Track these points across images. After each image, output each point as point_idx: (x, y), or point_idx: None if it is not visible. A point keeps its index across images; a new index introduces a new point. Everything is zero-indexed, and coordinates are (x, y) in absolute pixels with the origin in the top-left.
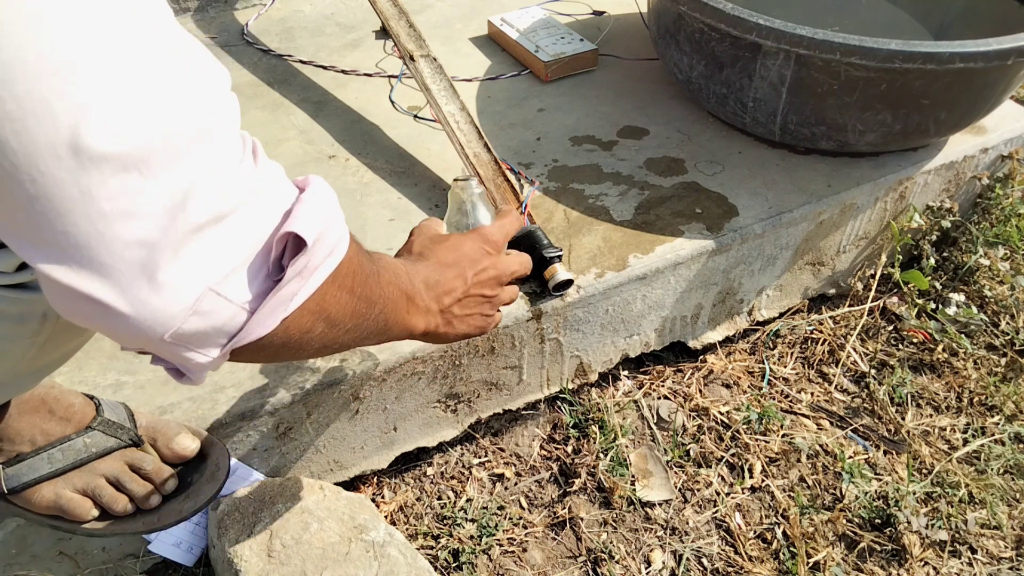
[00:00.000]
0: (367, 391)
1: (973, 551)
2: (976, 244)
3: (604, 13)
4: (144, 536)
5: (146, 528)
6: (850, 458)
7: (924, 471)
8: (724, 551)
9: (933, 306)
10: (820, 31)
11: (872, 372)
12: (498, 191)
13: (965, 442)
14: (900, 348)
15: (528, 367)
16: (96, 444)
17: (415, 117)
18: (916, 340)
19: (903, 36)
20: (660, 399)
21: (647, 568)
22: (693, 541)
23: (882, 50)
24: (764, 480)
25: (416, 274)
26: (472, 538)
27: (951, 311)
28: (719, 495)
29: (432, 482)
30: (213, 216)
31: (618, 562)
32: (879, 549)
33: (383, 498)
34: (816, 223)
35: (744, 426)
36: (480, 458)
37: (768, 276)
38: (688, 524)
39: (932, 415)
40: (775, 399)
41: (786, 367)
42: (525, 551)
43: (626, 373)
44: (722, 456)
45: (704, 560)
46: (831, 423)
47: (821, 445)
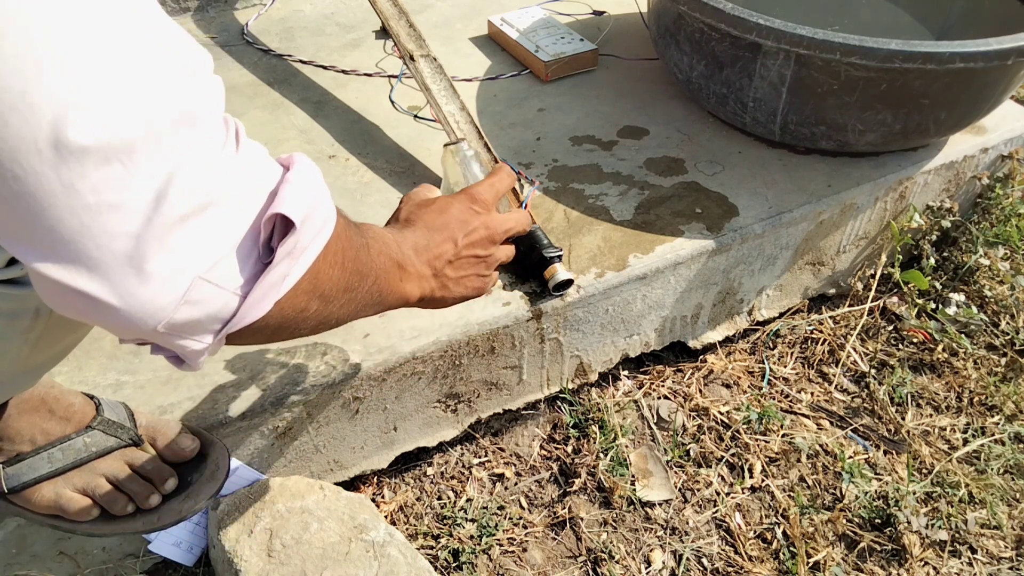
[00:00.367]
0: (367, 391)
1: (973, 551)
2: (976, 244)
3: (604, 13)
4: (144, 536)
5: (146, 528)
6: (850, 458)
7: (924, 471)
8: (724, 551)
9: (933, 306)
10: (820, 31)
11: (872, 372)
12: None
13: (965, 442)
14: (900, 348)
15: (528, 367)
16: (96, 443)
17: (415, 117)
18: (916, 340)
19: (903, 36)
20: (660, 399)
21: (647, 568)
22: (693, 541)
23: (882, 50)
24: (764, 480)
25: (404, 241)
26: (472, 538)
27: (951, 311)
28: (719, 495)
29: (432, 482)
30: (199, 203)
31: (618, 562)
32: (879, 549)
33: (383, 498)
34: (816, 223)
35: (744, 426)
36: (480, 458)
37: (768, 276)
38: (688, 524)
39: (932, 415)
40: (775, 399)
41: (786, 367)
42: (525, 551)
43: (626, 373)
44: (722, 456)
45: (704, 560)
46: (831, 423)
47: (821, 445)
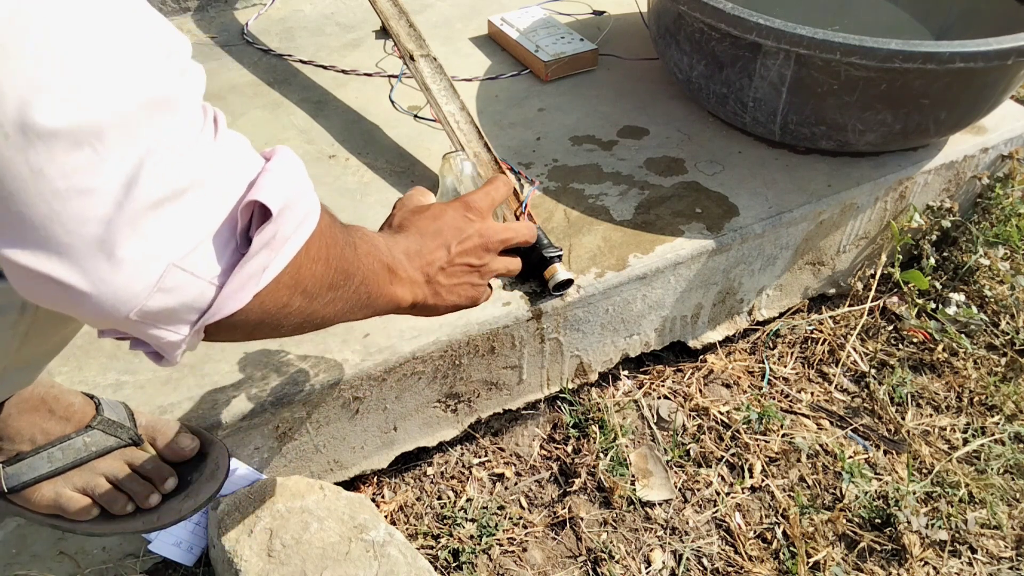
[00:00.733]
0: (367, 391)
1: (973, 551)
2: (976, 244)
3: (604, 13)
4: (144, 536)
5: (146, 527)
6: (850, 458)
7: (924, 471)
8: (724, 551)
9: (933, 306)
10: (820, 31)
11: (872, 372)
12: None
13: (965, 442)
14: (900, 348)
15: (528, 367)
16: (96, 443)
17: (415, 117)
18: (916, 340)
19: (904, 36)
20: (660, 399)
21: (647, 568)
22: (693, 541)
23: (882, 50)
24: (764, 480)
25: (396, 245)
26: (472, 538)
27: (951, 311)
28: (719, 495)
29: (432, 482)
30: (172, 190)
31: (618, 562)
32: (879, 549)
33: (383, 498)
34: (816, 223)
35: (744, 426)
36: (480, 458)
37: (768, 276)
38: (688, 524)
39: (932, 415)
40: (775, 399)
41: (786, 367)
42: (525, 551)
43: (626, 373)
44: (722, 456)
45: (704, 560)
46: (831, 423)
47: (821, 445)
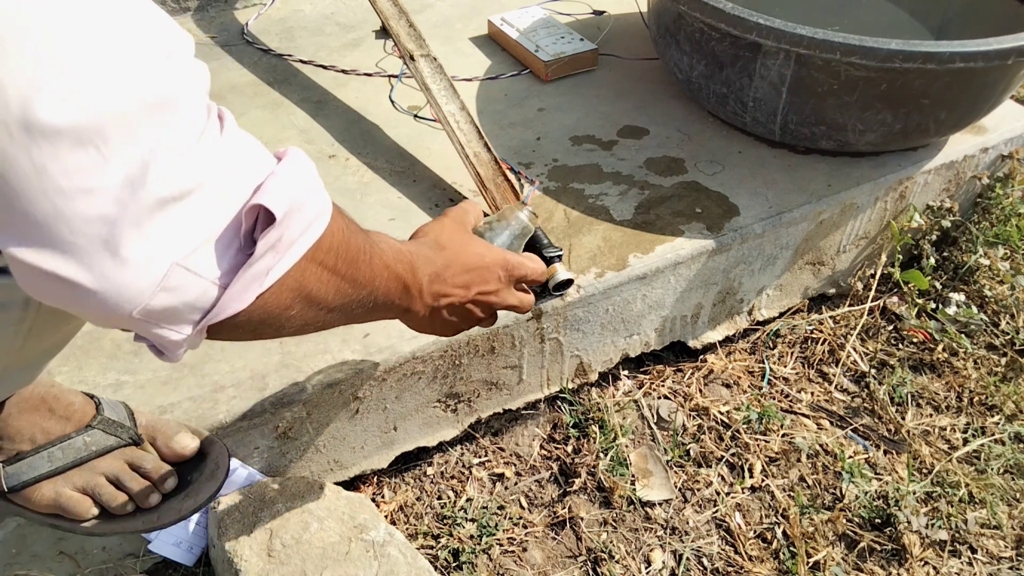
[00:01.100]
0: (367, 391)
1: (973, 551)
2: (976, 244)
3: (604, 13)
4: (144, 536)
5: (146, 527)
6: (850, 458)
7: (924, 471)
8: (724, 551)
9: (933, 306)
10: (820, 31)
11: (872, 372)
12: (498, 191)
13: (965, 442)
14: (900, 348)
15: (528, 367)
16: (96, 443)
17: (415, 117)
18: (916, 340)
19: (904, 36)
20: (660, 399)
21: (647, 568)
22: (693, 541)
23: (882, 50)
24: (764, 480)
25: (425, 264)
26: (472, 538)
27: (951, 311)
28: (719, 495)
29: (432, 482)
30: (177, 189)
31: (618, 562)
32: (879, 549)
33: (383, 498)
34: (816, 223)
35: (744, 426)
36: (480, 458)
37: (768, 276)
38: (688, 524)
39: (932, 415)
40: (775, 399)
41: (786, 367)
42: (525, 551)
43: (626, 373)
44: (722, 456)
45: (704, 560)
46: (831, 423)
47: (821, 445)
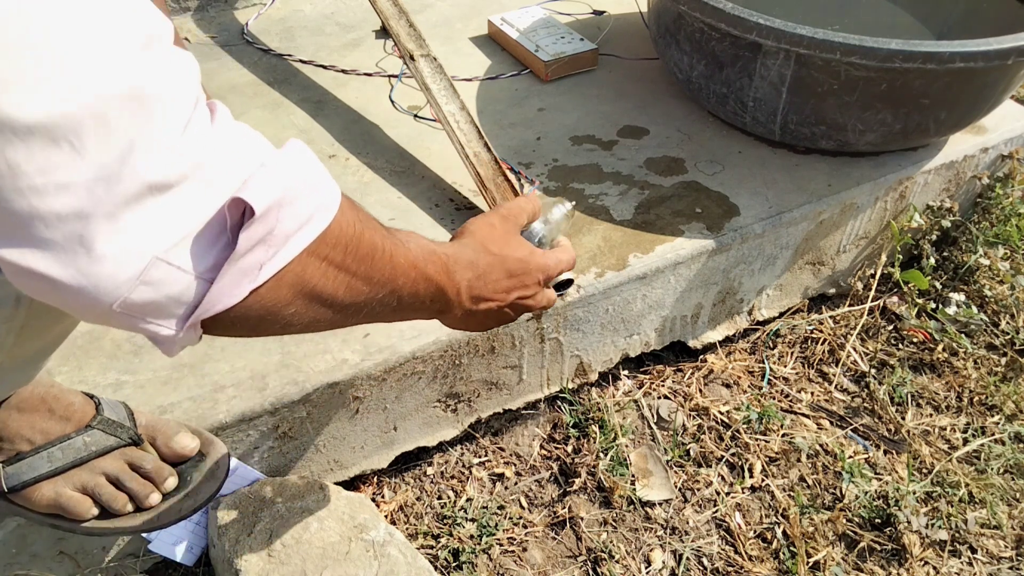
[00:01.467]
0: (367, 391)
1: (973, 551)
2: (976, 244)
3: (604, 13)
4: (144, 536)
5: (146, 526)
6: (850, 458)
7: (924, 471)
8: (724, 551)
9: (933, 306)
10: (820, 31)
11: (872, 372)
12: (498, 191)
13: (965, 442)
14: (900, 348)
15: (528, 367)
16: (96, 443)
17: (415, 117)
18: (916, 340)
19: (904, 36)
20: (660, 399)
21: (647, 568)
22: (693, 541)
23: (882, 50)
24: (764, 480)
25: (465, 268)
26: (472, 538)
27: (951, 311)
28: (719, 495)
29: (432, 482)
30: (157, 182)
31: (618, 562)
32: (879, 549)
33: (383, 498)
34: (816, 223)
35: (744, 426)
36: (480, 458)
37: (768, 276)
38: (688, 524)
39: (932, 415)
40: (775, 399)
41: (786, 367)
42: (525, 551)
43: (626, 373)
44: (722, 456)
45: (704, 560)
46: (831, 423)
47: (821, 445)
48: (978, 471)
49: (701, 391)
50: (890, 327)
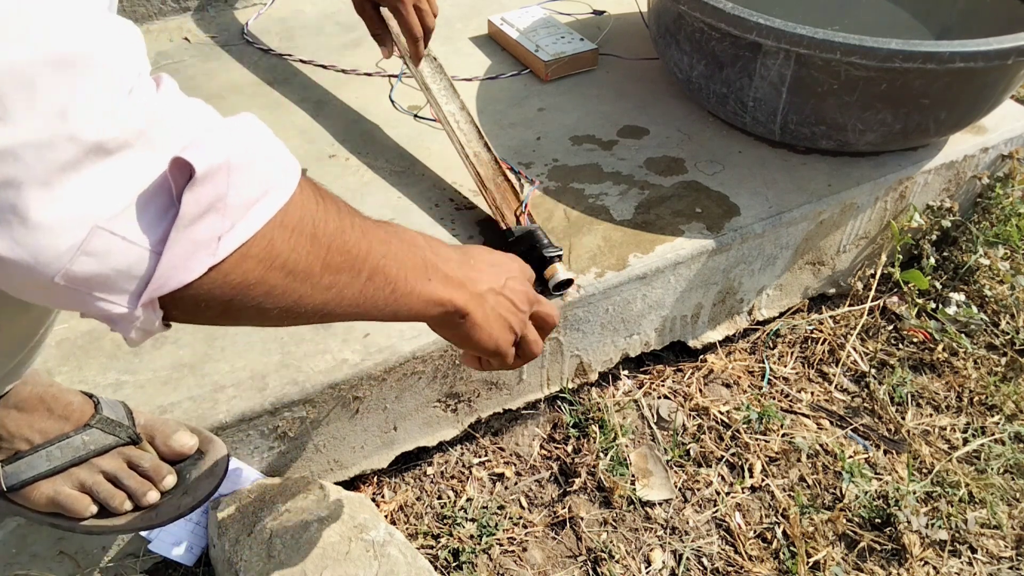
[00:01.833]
0: (367, 391)
1: (973, 551)
2: (976, 244)
3: (604, 13)
4: (144, 535)
5: (145, 524)
6: (850, 458)
7: (924, 471)
8: (724, 551)
9: (933, 306)
10: (820, 31)
11: (872, 372)
12: (498, 190)
13: (965, 442)
14: (900, 348)
15: (528, 366)
16: (94, 442)
17: (415, 117)
18: (916, 340)
19: (904, 36)
20: (660, 399)
21: (647, 568)
22: (693, 541)
23: (882, 49)
24: (764, 480)
25: (440, 245)
26: (472, 537)
27: (951, 311)
28: (719, 495)
29: (432, 481)
30: (93, 147)
31: (618, 562)
32: (879, 549)
33: (383, 497)
34: (816, 223)
35: (744, 426)
36: (480, 457)
37: (768, 276)
38: (688, 524)
39: (932, 415)
40: (775, 399)
41: (786, 367)
42: (525, 550)
43: (626, 372)
44: (722, 456)
45: (704, 560)
46: (831, 423)
47: (821, 445)
48: (978, 471)
49: (701, 391)
50: (890, 327)
